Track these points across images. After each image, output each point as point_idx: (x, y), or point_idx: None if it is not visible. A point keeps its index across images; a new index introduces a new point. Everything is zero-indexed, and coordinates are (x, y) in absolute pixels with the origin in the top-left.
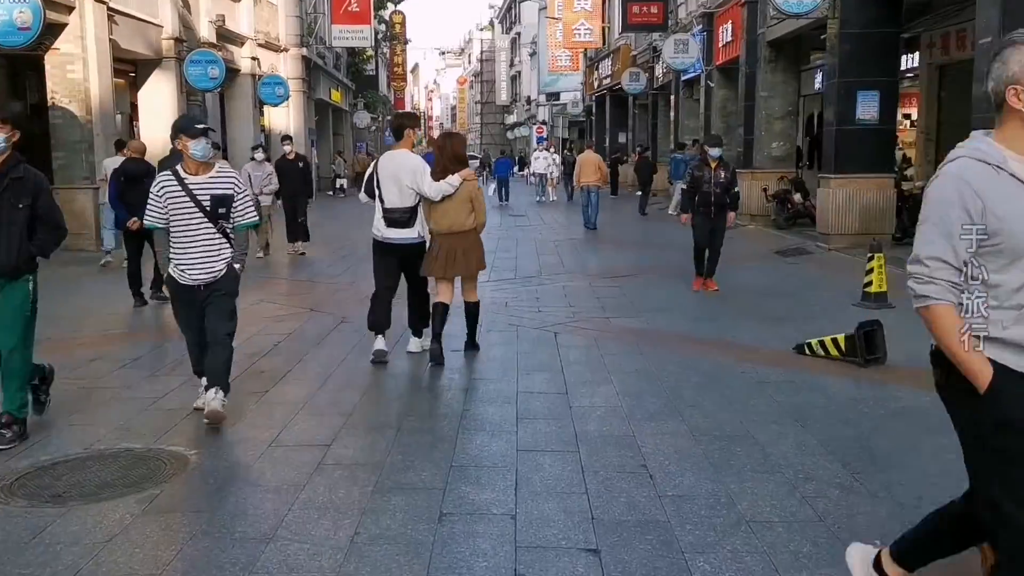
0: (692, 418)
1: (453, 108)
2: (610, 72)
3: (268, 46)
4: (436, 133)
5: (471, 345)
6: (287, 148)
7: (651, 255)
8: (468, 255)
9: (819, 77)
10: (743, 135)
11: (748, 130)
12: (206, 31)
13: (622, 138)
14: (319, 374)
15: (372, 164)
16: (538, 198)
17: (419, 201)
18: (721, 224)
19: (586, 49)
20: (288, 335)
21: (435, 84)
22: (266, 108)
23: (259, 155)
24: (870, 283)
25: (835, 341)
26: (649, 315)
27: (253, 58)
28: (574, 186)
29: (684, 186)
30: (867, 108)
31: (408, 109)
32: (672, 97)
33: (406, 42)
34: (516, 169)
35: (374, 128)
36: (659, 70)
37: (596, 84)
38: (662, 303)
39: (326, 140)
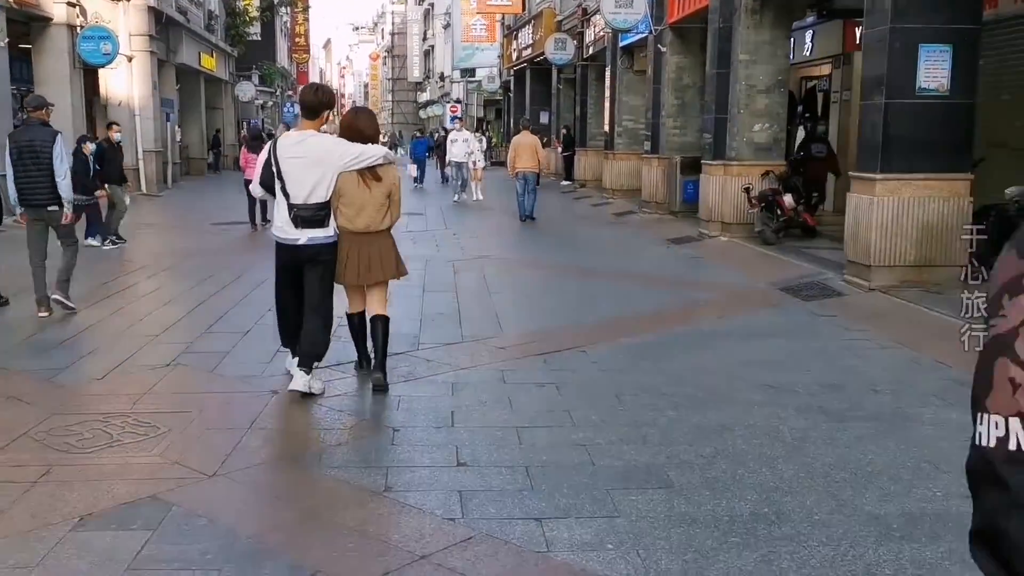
0: None
1: (366, 85)
2: (531, 41)
3: None
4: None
5: (379, 386)
6: None
7: (619, 290)
8: (384, 258)
9: (808, 37)
10: (714, 114)
11: (720, 108)
12: None
13: (544, 118)
14: None
15: (268, 148)
16: (455, 197)
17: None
18: None
19: (503, 15)
20: None
21: (348, 60)
22: (101, 72)
23: None
24: None
25: None
26: (628, 508)
27: (71, 4)
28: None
29: None
30: (934, 72)
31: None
32: (608, 68)
33: (306, 8)
34: (428, 153)
35: (271, 104)
36: (590, 35)
37: (515, 56)
38: (654, 448)
39: (196, 115)
